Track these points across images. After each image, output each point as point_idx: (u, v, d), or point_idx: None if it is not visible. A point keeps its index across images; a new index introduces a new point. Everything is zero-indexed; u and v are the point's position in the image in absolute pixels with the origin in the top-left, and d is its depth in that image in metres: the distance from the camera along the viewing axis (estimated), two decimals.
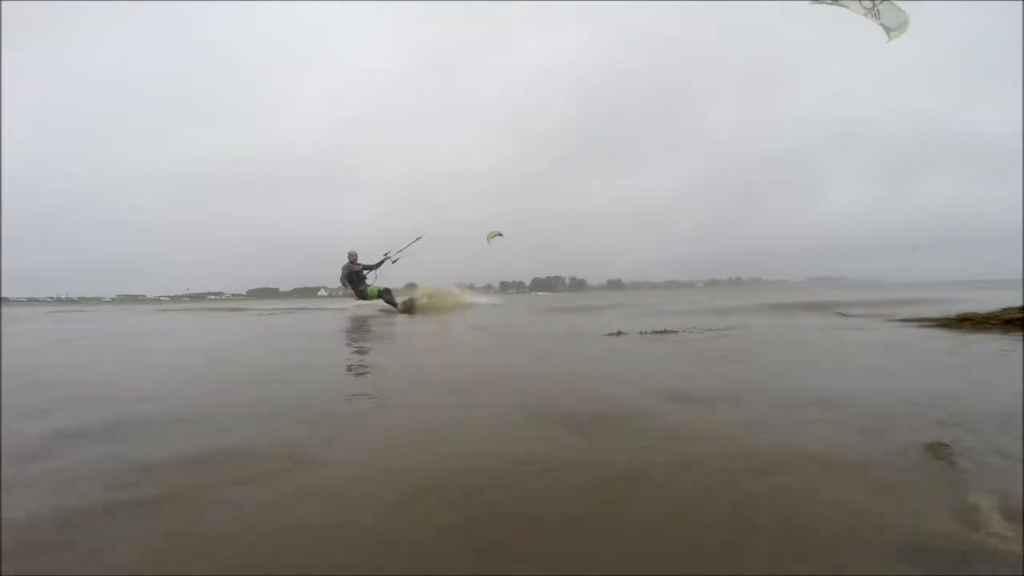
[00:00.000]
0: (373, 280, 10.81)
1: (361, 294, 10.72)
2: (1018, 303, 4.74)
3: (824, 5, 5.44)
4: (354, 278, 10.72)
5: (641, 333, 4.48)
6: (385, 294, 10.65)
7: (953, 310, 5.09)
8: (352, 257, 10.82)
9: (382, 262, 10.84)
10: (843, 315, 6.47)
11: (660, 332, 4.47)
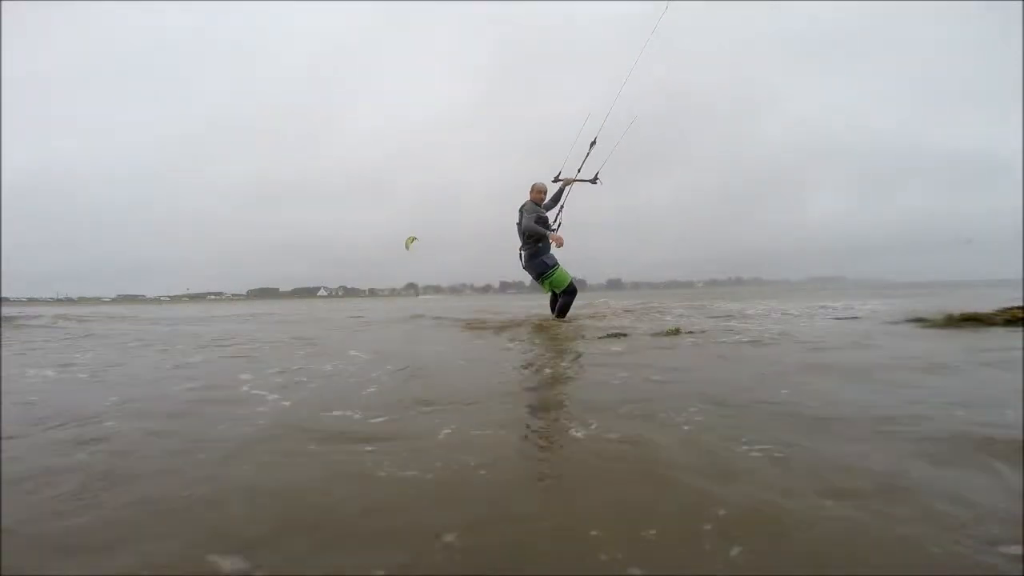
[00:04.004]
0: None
1: (543, 273, 5.81)
2: None
3: None
4: (538, 239, 5.75)
5: None
6: (571, 293, 5.95)
7: None
8: (539, 194, 5.87)
9: (561, 194, 6.04)
10: None
11: None
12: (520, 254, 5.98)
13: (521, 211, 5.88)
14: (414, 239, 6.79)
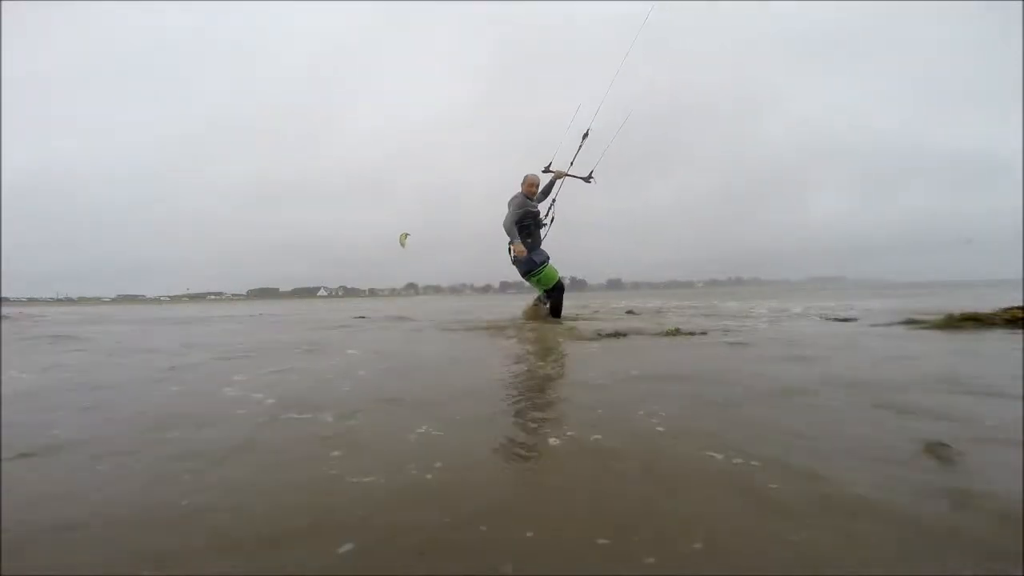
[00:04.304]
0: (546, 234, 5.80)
1: (531, 270, 5.58)
2: None
3: None
4: (527, 234, 5.60)
5: None
6: (559, 290, 5.75)
7: None
8: (531, 187, 5.65)
9: (552, 186, 5.87)
10: None
11: None
12: (509, 250, 5.72)
13: (509, 204, 5.62)
14: (407, 235, 6.71)
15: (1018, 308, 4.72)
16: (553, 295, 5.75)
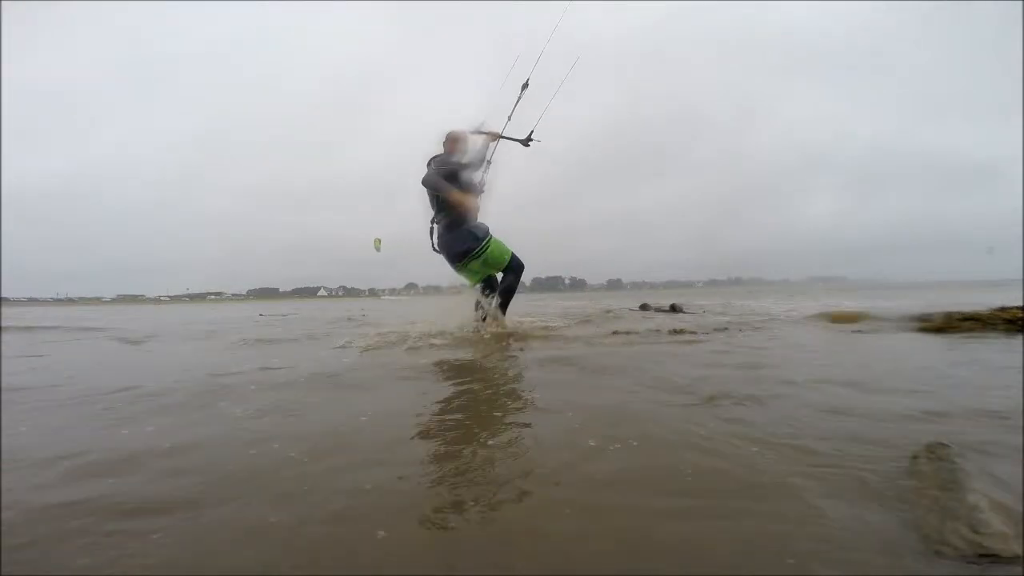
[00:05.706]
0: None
1: (471, 250, 4.07)
2: None
3: None
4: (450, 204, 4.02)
5: None
6: (516, 271, 4.28)
7: None
8: (453, 144, 4.34)
9: (485, 150, 4.52)
10: None
11: None
12: (432, 229, 4.30)
13: (428, 165, 4.21)
14: (380, 240, 6.68)
15: (1018, 308, 4.69)
16: (507, 276, 4.24)
